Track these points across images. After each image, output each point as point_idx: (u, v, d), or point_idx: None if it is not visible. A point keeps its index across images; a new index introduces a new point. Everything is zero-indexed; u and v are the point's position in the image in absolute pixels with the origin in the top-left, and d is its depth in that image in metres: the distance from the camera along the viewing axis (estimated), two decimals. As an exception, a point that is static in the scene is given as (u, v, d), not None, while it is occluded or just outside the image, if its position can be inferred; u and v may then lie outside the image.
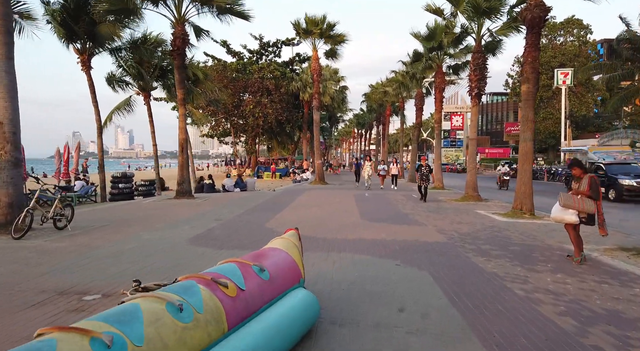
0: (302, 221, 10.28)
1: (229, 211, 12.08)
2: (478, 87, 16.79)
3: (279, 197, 17.13)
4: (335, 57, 27.13)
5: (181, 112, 15.01)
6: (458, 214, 12.14)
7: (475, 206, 14.56)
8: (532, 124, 11.98)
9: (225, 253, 6.60)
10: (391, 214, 11.96)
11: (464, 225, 10.10)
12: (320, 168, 26.41)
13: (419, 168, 16.23)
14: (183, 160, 15.07)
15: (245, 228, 8.97)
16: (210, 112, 36.76)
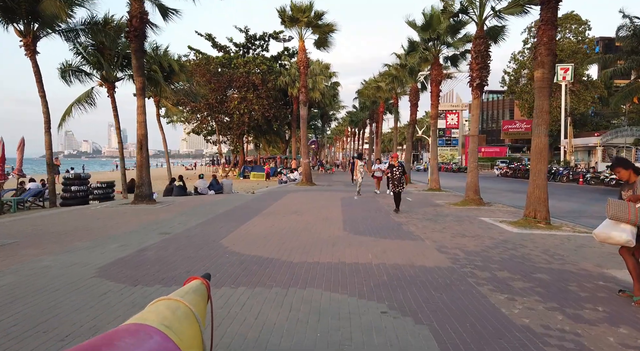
0: (270, 234, 8.34)
1: (185, 220, 10.11)
2: (480, 77, 14.92)
3: (255, 200, 15.16)
4: (326, 47, 25.15)
5: (139, 104, 13.00)
6: (460, 223, 10.25)
7: (478, 212, 12.68)
8: (548, 116, 10.11)
9: (138, 292, 4.64)
10: (381, 223, 10.04)
11: (469, 238, 8.20)
12: (308, 168, 24.46)
13: (390, 169, 12.47)
14: (142, 159, 13.05)
15: (191, 247, 7.01)
16: (192, 108, 34.70)
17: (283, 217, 10.92)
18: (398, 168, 12.30)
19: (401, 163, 12.43)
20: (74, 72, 16.43)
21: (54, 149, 14.95)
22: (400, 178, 12.22)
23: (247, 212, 11.69)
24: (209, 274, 2.53)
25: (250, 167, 37.61)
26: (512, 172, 41.21)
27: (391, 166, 12.47)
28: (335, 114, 64.99)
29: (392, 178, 12.28)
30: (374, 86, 36.30)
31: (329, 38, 25.03)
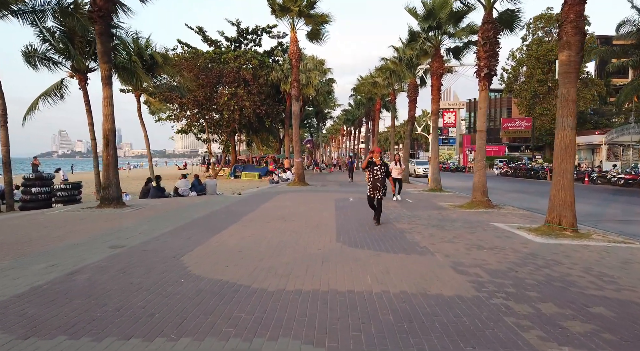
0: (247, 247, 6.84)
1: (150, 228, 8.59)
2: (488, 66, 13.50)
3: (240, 203, 13.66)
4: (319, 39, 23.66)
5: (106, 94, 11.46)
6: (472, 230, 8.80)
7: (488, 216, 11.25)
8: (574, 106, 8.68)
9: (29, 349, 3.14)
10: (381, 231, 8.57)
11: (488, 252, 6.75)
12: (300, 168, 22.97)
13: (369, 167, 9.47)
14: (109, 157, 11.51)
15: (140, 268, 5.51)
16: (181, 104, 33.10)
17: (267, 224, 9.42)
18: (381, 168, 9.30)
19: (384, 162, 9.52)
20: (41, 59, 14.82)
21: (48, 149, 13.66)
22: (382, 180, 9.30)
23: (226, 218, 10.18)
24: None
25: (242, 166, 36.02)
26: (513, 171, 39.93)
27: (371, 163, 9.38)
28: (330, 112, 63.51)
29: (373, 180, 9.22)
30: (370, 82, 34.87)
31: (322, 30, 23.54)
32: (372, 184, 9.27)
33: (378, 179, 9.24)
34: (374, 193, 9.27)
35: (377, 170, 9.28)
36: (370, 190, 9.32)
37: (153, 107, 21.44)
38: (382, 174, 9.29)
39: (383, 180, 9.30)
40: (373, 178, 9.26)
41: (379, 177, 9.26)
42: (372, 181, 9.26)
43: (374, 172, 9.27)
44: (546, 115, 53.89)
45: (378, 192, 9.24)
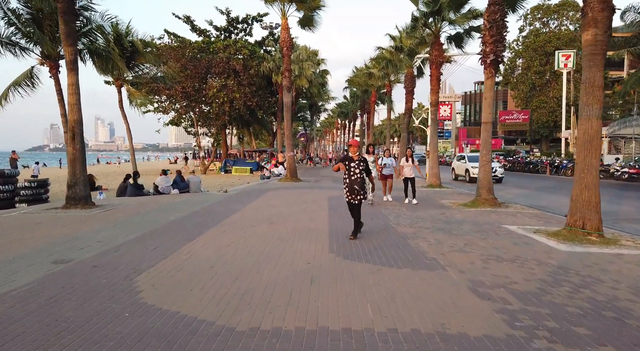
0: (220, 261, 5.71)
1: (112, 235, 7.43)
2: (495, 52, 12.37)
3: (224, 202, 12.51)
4: (311, 26, 22.38)
5: (71, 81, 10.21)
6: (484, 235, 7.73)
7: (497, 216, 10.20)
8: (602, 93, 7.60)
9: None
10: (381, 237, 7.47)
11: (509, 265, 5.67)
12: (292, 162, 21.81)
13: (345, 162, 7.48)
14: (75, 152, 10.29)
15: (78, 295, 4.37)
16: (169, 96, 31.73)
17: (250, 228, 8.28)
18: (359, 165, 7.30)
19: (362, 158, 7.46)
20: (5, 44, 13.47)
21: (40, 143, 12.30)
22: (362, 180, 7.29)
23: (205, 221, 9.02)
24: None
25: (233, 160, 34.77)
26: (511, 165, 39.00)
27: (347, 159, 7.43)
28: (324, 105, 62.24)
29: (349, 181, 7.32)
30: (365, 73, 33.65)
31: (314, 17, 22.26)
32: (348, 186, 7.31)
33: (356, 180, 7.22)
34: (351, 197, 7.34)
35: (354, 168, 7.27)
36: (347, 193, 7.36)
37: (133, 97, 20.10)
38: (362, 173, 7.29)
39: (362, 181, 7.30)
40: (349, 178, 7.28)
41: (357, 176, 7.23)
42: (347, 182, 7.30)
43: (350, 171, 7.28)
44: (543, 108, 53.04)
45: (356, 195, 7.30)
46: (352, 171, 7.28)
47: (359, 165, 7.29)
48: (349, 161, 7.35)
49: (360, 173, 7.27)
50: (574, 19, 54.96)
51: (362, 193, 7.31)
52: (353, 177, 7.25)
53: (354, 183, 7.24)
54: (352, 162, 7.32)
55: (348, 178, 7.31)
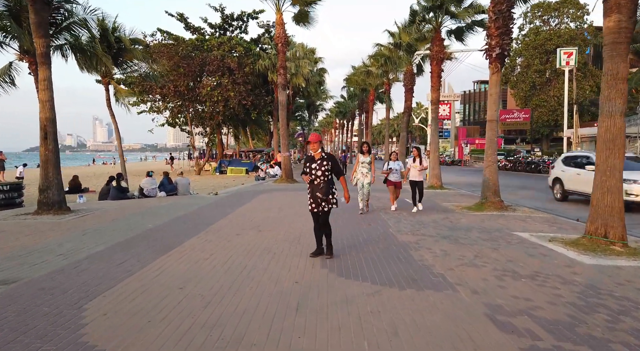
0: (193, 279, 4.92)
1: (78, 246, 6.63)
2: (501, 45, 11.60)
3: (212, 206, 11.71)
4: (306, 22, 21.59)
5: (42, 76, 9.39)
6: (494, 243, 6.95)
7: (505, 221, 9.42)
8: (625, 86, 6.82)
9: None
10: (380, 248, 6.68)
11: (528, 283, 4.89)
12: (287, 163, 21.02)
13: (307, 164, 5.95)
14: (48, 153, 9.47)
15: (3, 331, 3.56)
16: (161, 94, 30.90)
17: (236, 236, 7.48)
18: (321, 164, 5.75)
19: (329, 155, 5.88)
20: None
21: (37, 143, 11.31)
22: (326, 184, 5.74)
23: (187, 228, 8.22)
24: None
25: (228, 161, 33.94)
26: (512, 165, 38.27)
27: (309, 159, 5.94)
28: (322, 105, 61.40)
29: (311, 186, 5.83)
30: (363, 71, 32.85)
31: (310, 12, 21.47)
32: (310, 193, 5.84)
33: (318, 185, 5.67)
34: (314, 205, 5.78)
35: (315, 170, 5.71)
36: (310, 200, 5.84)
37: (120, 95, 19.26)
38: (326, 175, 5.71)
39: (328, 185, 5.71)
40: (311, 183, 5.78)
41: (320, 180, 5.67)
42: (310, 187, 5.82)
43: (312, 173, 5.76)
44: (543, 107, 52.31)
45: (319, 204, 5.74)
46: (314, 173, 5.72)
47: (322, 165, 5.69)
48: (310, 162, 5.83)
49: (323, 175, 5.68)
50: (574, 17, 54.30)
51: (328, 201, 5.75)
52: (315, 182, 5.70)
53: (317, 190, 5.67)
54: (314, 162, 5.76)
55: (310, 183, 5.79)
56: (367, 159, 10.19)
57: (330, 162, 5.73)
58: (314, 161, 5.79)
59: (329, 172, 5.75)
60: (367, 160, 10.19)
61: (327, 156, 5.80)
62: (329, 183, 5.78)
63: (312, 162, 5.80)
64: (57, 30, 14.21)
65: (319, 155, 5.80)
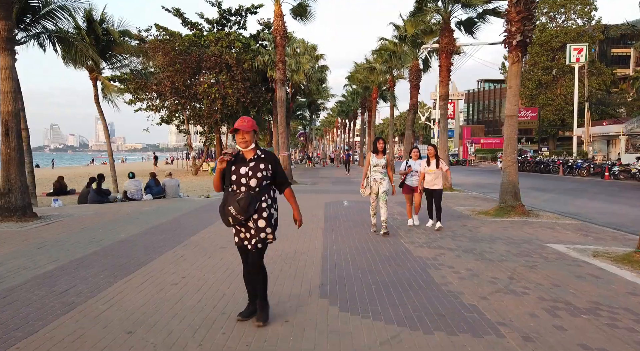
0: (150, 319, 3.74)
1: (16, 268, 5.46)
2: (522, 31, 10.39)
3: (199, 211, 10.55)
4: (304, 17, 20.49)
5: (4, 64, 8.21)
6: (527, 259, 5.77)
7: (531, 229, 8.24)
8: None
9: None
10: (392, 266, 5.50)
11: (592, 321, 3.71)
12: (287, 163, 19.86)
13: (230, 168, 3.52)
14: (10, 151, 8.30)
15: None
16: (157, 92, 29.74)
17: (219, 251, 6.31)
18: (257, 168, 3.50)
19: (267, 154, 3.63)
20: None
21: (39, 143, 10.23)
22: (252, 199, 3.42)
23: (163, 239, 7.04)
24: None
25: (226, 161, 32.70)
26: (520, 165, 37.00)
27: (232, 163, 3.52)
28: (324, 104, 60.21)
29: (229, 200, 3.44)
30: (366, 67, 31.69)
31: (310, 5, 20.34)
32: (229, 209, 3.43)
33: (243, 198, 3.39)
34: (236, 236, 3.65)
35: (246, 177, 3.47)
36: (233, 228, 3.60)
37: (108, 91, 18.13)
38: (263, 186, 3.52)
39: (255, 196, 3.45)
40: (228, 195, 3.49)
41: (243, 195, 3.41)
42: (229, 201, 3.44)
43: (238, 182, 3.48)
44: (550, 105, 51.02)
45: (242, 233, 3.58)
46: (237, 181, 3.46)
47: (256, 170, 3.46)
48: (236, 165, 3.48)
49: (257, 185, 3.45)
50: (581, 13, 52.99)
51: (258, 231, 3.47)
52: (237, 195, 3.40)
53: (235, 206, 3.36)
54: (242, 164, 3.48)
55: (227, 195, 3.50)
56: (382, 161, 7.52)
57: (271, 165, 3.56)
58: (243, 163, 3.49)
59: (268, 182, 3.55)
60: (381, 162, 7.50)
61: (266, 156, 3.58)
62: (264, 196, 3.51)
63: (239, 165, 3.48)
64: (35, 18, 13.10)
65: (251, 154, 3.53)
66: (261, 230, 3.50)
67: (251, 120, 3.56)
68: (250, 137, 3.50)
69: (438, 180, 8.28)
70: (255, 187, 3.46)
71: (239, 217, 3.39)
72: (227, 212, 3.42)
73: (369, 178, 7.57)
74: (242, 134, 3.49)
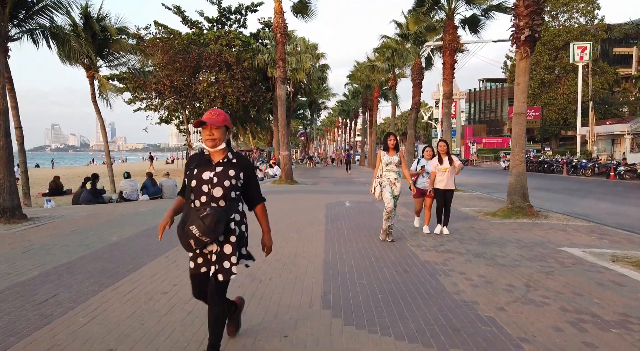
0: (133, 334, 3.39)
1: None
2: (531, 26, 10.03)
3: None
4: (305, 14, 20.15)
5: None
6: (542, 264, 5.42)
7: (541, 231, 7.89)
8: None
9: None
10: (398, 271, 5.15)
11: (625, 336, 3.35)
12: (287, 163, 19.52)
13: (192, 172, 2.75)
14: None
15: None
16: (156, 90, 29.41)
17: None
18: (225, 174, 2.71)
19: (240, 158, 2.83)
20: None
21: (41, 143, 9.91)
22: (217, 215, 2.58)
23: (149, 247, 6.65)
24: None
25: (226, 160, 32.32)
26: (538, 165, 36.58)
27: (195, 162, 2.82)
28: (325, 103, 59.86)
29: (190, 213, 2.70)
30: (368, 66, 31.29)
31: (310, 4, 19.99)
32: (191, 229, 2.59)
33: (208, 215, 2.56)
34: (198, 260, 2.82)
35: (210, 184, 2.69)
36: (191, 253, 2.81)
37: (104, 89, 17.80)
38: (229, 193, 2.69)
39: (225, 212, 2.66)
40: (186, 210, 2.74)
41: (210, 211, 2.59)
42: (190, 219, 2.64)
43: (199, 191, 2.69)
44: (552, 104, 50.63)
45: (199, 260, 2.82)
46: (197, 188, 2.71)
47: (223, 177, 2.70)
48: (199, 168, 2.75)
49: (222, 196, 2.68)
50: (584, 12, 52.61)
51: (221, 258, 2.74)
52: (204, 212, 2.60)
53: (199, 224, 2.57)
54: (207, 168, 2.73)
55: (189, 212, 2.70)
56: (395, 158, 6.71)
57: (243, 174, 2.79)
58: (207, 166, 2.74)
59: (238, 193, 2.79)
60: (394, 160, 6.69)
61: (239, 161, 2.80)
62: (232, 212, 2.74)
63: (203, 168, 2.73)
64: (29, 14, 12.77)
65: (220, 156, 2.76)
66: (225, 258, 2.68)
67: (223, 114, 2.77)
68: (220, 134, 2.70)
69: (451, 180, 7.51)
70: (220, 198, 2.64)
71: (204, 240, 2.57)
72: (187, 232, 2.56)
73: (382, 178, 6.76)
74: (210, 129, 2.67)
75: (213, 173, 2.70)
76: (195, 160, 2.80)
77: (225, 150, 2.79)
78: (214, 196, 2.66)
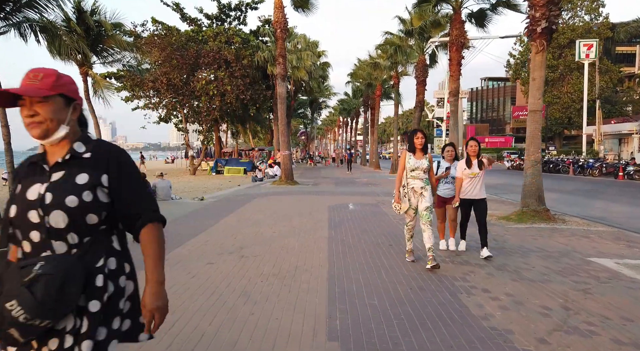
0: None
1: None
2: (547, 17, 9.39)
3: (191, 216, 9.60)
4: (305, 8, 19.50)
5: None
6: (574, 279, 4.78)
7: (564, 238, 7.25)
8: None
9: None
10: (413, 288, 4.51)
11: None
12: (287, 163, 18.89)
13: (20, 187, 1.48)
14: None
15: None
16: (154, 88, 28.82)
17: (205, 267, 5.33)
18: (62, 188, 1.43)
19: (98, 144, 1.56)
20: None
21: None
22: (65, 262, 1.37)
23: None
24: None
25: (225, 160, 31.82)
26: (527, 164, 35.92)
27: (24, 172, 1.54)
28: (326, 102, 59.19)
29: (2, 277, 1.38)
30: (370, 63, 30.70)
31: (310, -2, 19.36)
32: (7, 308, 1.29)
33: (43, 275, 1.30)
34: None
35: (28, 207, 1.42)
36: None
37: (98, 86, 17.20)
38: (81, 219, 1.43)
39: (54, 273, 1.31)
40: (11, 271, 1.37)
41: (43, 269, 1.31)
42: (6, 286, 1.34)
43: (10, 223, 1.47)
44: (556, 103, 49.92)
45: None
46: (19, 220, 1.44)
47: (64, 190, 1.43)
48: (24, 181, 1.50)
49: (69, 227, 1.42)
50: (589, 9, 51.87)
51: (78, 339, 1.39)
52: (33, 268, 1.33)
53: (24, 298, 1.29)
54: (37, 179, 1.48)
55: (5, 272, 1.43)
56: (425, 163, 5.29)
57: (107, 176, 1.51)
58: (39, 175, 1.50)
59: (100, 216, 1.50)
60: (422, 165, 5.27)
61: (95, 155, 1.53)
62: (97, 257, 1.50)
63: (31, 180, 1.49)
64: (17, 7, 12.14)
65: (60, 152, 1.52)
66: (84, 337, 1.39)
67: (53, 74, 1.48)
68: (50, 110, 1.46)
69: (482, 187, 5.94)
70: (65, 231, 1.42)
71: (37, 324, 1.31)
72: (4, 313, 1.30)
73: (408, 190, 5.28)
74: (30, 106, 1.45)
75: (44, 185, 1.44)
76: (22, 171, 1.55)
77: (68, 141, 1.51)
78: (54, 228, 1.40)
